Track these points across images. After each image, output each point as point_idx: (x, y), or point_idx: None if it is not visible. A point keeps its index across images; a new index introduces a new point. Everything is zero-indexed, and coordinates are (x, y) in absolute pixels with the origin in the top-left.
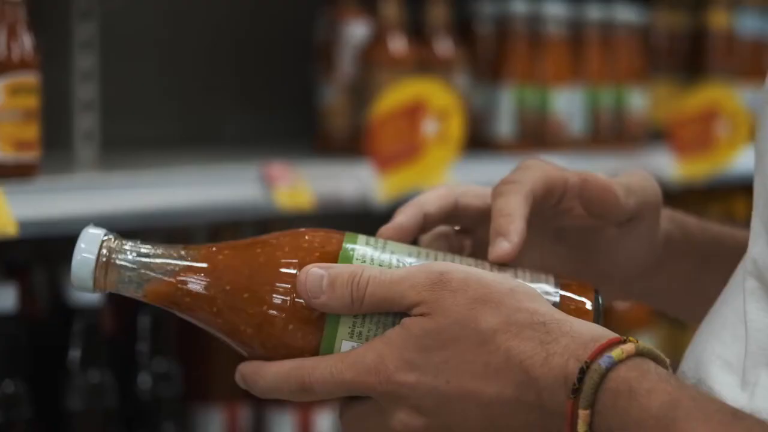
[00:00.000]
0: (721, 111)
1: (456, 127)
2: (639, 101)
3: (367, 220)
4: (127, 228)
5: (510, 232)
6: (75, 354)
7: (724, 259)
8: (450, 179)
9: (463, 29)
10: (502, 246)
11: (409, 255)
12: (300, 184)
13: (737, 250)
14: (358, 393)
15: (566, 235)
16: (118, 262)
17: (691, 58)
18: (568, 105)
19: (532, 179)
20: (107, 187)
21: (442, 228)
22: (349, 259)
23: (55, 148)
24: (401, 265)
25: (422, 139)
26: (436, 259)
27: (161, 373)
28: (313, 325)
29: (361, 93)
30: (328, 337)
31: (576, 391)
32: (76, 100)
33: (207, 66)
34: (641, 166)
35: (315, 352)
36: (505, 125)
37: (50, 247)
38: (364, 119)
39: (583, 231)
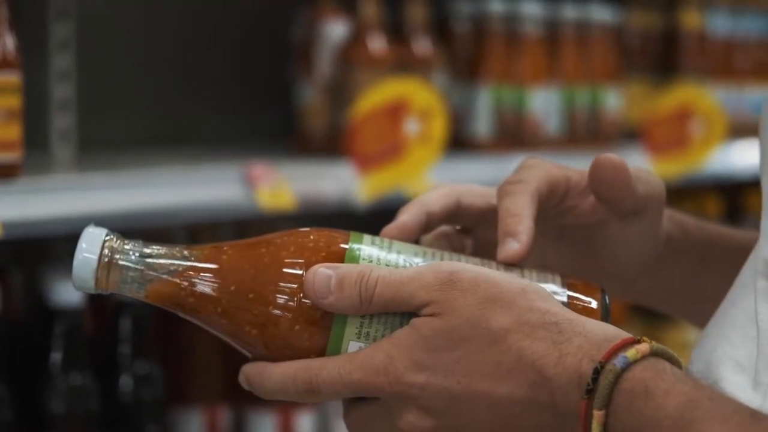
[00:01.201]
0: (695, 110)
1: (439, 128)
2: (614, 101)
3: (348, 220)
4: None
5: (519, 232)
6: (56, 356)
7: (722, 259)
8: (431, 180)
9: (440, 28)
10: (512, 246)
11: (416, 255)
12: (282, 185)
13: (735, 250)
14: (366, 394)
15: (568, 234)
16: (120, 262)
17: (664, 57)
18: (544, 104)
19: (537, 178)
20: (89, 188)
21: (443, 228)
22: (355, 259)
23: (31, 149)
24: (408, 265)
25: (404, 139)
26: (442, 259)
27: (142, 376)
28: (320, 326)
29: (340, 92)
30: (335, 337)
31: (590, 391)
32: (53, 100)
33: (184, 65)
34: None
35: (321, 353)
36: (482, 125)
37: (31, 247)
38: (344, 119)
39: (586, 228)
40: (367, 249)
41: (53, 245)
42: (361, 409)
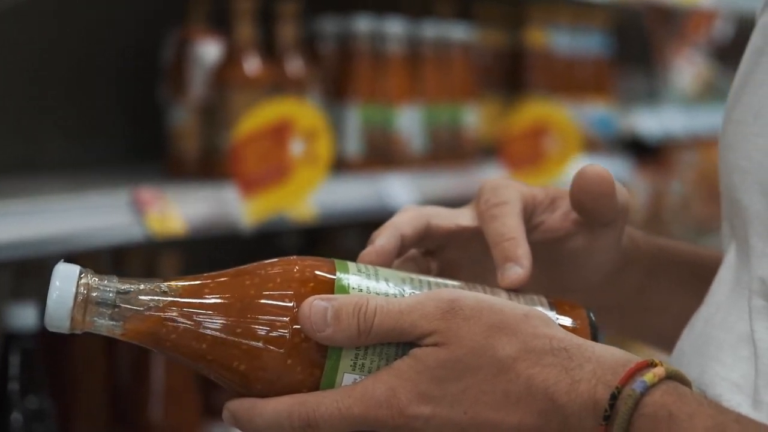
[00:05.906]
0: (549, 126)
1: (324, 148)
2: (471, 118)
3: (235, 243)
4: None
5: (520, 256)
6: None
7: (668, 271)
8: (314, 200)
9: (308, 48)
10: (515, 271)
11: (403, 282)
12: (170, 210)
13: (681, 262)
14: (367, 428)
15: (532, 251)
16: (97, 300)
17: (512, 75)
18: (409, 123)
19: (516, 198)
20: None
21: (411, 251)
22: (345, 289)
23: None
24: (398, 293)
25: (289, 160)
26: (430, 285)
27: (33, 410)
28: (314, 359)
29: (215, 114)
30: (330, 370)
31: (608, 417)
32: None
33: (48, 88)
34: (477, 182)
35: (314, 387)
36: (352, 144)
37: None
38: (219, 141)
39: (549, 245)
40: (355, 278)
41: None
42: None
